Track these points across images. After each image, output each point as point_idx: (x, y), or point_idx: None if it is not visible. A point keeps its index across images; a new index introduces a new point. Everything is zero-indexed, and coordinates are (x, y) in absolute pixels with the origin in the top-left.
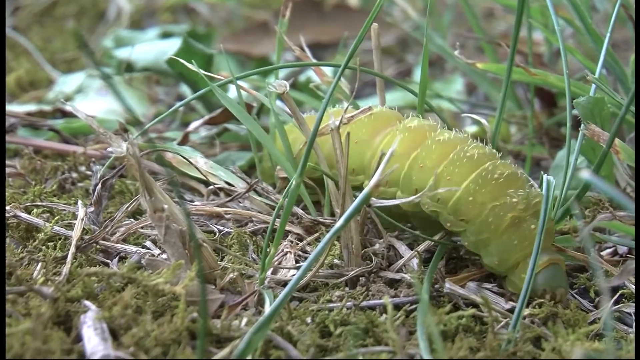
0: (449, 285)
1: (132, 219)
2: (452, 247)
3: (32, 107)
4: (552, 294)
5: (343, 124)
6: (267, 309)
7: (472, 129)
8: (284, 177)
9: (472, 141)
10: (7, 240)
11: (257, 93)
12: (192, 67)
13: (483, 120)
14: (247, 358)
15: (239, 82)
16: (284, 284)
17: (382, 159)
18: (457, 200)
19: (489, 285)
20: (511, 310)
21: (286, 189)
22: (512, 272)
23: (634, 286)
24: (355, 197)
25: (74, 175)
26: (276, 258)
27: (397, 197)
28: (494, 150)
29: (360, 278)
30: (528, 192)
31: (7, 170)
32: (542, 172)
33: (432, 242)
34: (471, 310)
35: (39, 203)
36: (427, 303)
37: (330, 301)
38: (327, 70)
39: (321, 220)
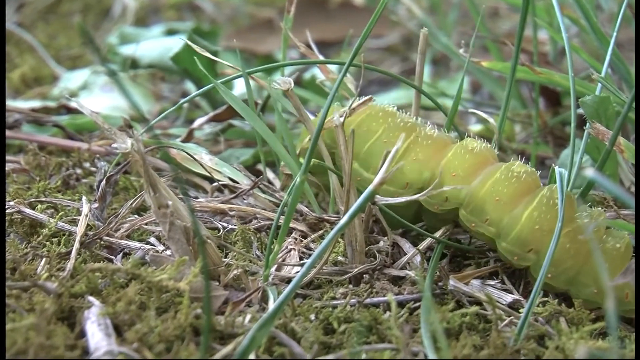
0: (453, 283)
1: (136, 215)
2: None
3: (36, 104)
4: None
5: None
6: (271, 305)
7: (476, 127)
8: (288, 173)
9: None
10: (11, 235)
11: (269, 86)
12: (201, 60)
13: (491, 120)
14: (251, 354)
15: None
16: (288, 280)
17: (387, 156)
18: (519, 230)
19: (492, 282)
20: (513, 305)
21: (291, 185)
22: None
23: None
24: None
25: (78, 171)
26: (280, 255)
27: (461, 214)
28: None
29: (364, 275)
30: (590, 211)
31: (12, 166)
32: (554, 166)
33: (435, 240)
34: (474, 308)
35: (43, 199)
36: (429, 300)
37: (334, 298)
38: (333, 68)
39: (325, 217)
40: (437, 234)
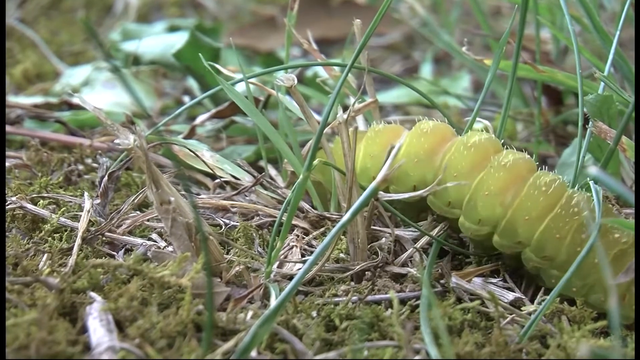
0: (455, 280)
1: (138, 212)
2: (458, 243)
3: (38, 99)
4: None
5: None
6: (273, 302)
7: (478, 125)
8: (293, 170)
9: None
10: (13, 231)
11: (270, 90)
12: (204, 61)
13: (485, 121)
14: (252, 351)
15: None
16: (290, 277)
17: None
18: (566, 259)
19: (494, 280)
20: (515, 303)
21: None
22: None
23: None
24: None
25: (80, 167)
26: (282, 252)
27: (460, 223)
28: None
29: (366, 272)
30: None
31: (14, 161)
32: (588, 180)
33: (437, 237)
34: (475, 303)
35: (45, 194)
36: (427, 297)
37: (335, 295)
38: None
39: (327, 215)
40: (434, 232)
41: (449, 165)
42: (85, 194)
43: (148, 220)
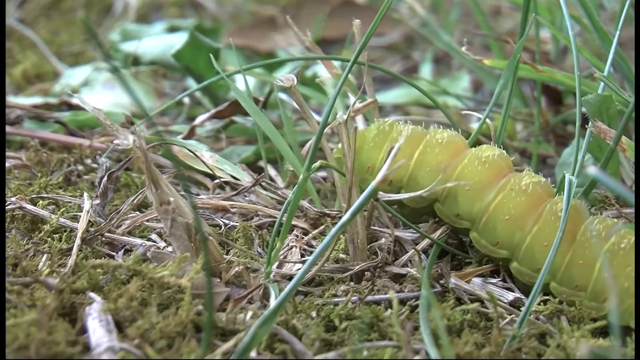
0: (454, 281)
1: (137, 212)
2: (457, 245)
3: (38, 100)
4: None
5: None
6: (273, 302)
7: (477, 125)
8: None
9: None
10: (13, 231)
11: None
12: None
13: (489, 121)
14: (252, 351)
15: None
16: (290, 277)
17: (391, 152)
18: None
19: (494, 281)
20: (515, 303)
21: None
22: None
23: None
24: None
25: (80, 167)
26: (282, 252)
27: (473, 237)
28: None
29: (366, 273)
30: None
31: (13, 162)
32: (565, 173)
33: (438, 238)
34: (475, 304)
35: (45, 195)
36: (426, 298)
37: (335, 295)
38: (336, 63)
39: (327, 211)
40: (435, 235)
41: (461, 177)
42: (85, 194)
43: (147, 220)
